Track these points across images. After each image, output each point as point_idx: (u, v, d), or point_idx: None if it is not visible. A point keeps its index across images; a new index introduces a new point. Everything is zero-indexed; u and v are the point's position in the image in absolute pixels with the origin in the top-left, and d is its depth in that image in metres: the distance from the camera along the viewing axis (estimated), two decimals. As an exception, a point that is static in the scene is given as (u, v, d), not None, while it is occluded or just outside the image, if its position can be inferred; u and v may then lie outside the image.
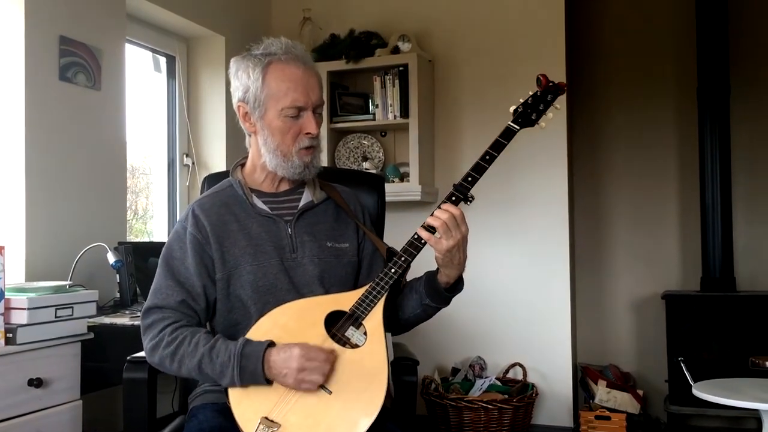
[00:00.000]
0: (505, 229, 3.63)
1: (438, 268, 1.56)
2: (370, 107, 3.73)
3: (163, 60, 3.60)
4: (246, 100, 1.58)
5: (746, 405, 2.51)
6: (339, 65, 3.70)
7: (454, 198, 1.52)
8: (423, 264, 1.61)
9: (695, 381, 2.85)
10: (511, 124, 1.55)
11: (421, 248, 1.51)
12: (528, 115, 1.56)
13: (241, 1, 3.83)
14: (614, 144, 4.02)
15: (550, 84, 1.57)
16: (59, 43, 2.63)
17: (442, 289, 1.55)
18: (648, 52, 3.96)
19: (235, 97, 1.61)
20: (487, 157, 1.53)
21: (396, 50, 3.67)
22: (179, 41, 3.63)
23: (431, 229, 1.49)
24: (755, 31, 3.78)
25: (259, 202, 1.62)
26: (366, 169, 3.72)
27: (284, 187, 1.66)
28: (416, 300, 1.59)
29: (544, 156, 3.57)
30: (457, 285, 1.57)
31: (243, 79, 1.58)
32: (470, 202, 1.53)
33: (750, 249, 3.74)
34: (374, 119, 3.69)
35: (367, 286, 1.51)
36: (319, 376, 1.40)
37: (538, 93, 1.57)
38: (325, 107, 3.91)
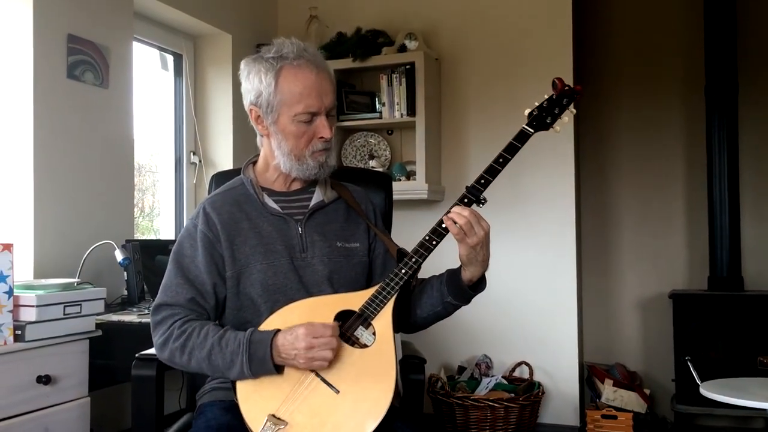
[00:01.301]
0: (512, 228, 3.63)
1: (460, 266, 1.55)
2: (377, 105, 3.73)
3: (170, 58, 3.61)
4: (258, 104, 1.57)
5: (754, 405, 2.50)
6: (346, 63, 3.70)
7: (466, 200, 1.51)
8: (432, 267, 1.61)
9: (702, 380, 2.84)
10: (526, 127, 1.54)
11: (432, 249, 1.51)
12: (543, 118, 1.55)
13: (247, 0, 3.84)
14: (621, 142, 4.00)
15: (566, 88, 1.55)
16: (67, 41, 2.64)
17: (466, 287, 1.55)
18: (655, 51, 3.94)
19: (246, 99, 1.60)
20: (501, 160, 1.52)
21: (403, 48, 3.67)
22: (186, 39, 3.63)
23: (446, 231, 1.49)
24: (763, 30, 3.76)
25: (270, 201, 1.62)
26: (373, 167, 3.72)
27: (296, 186, 1.66)
28: (437, 298, 1.59)
29: (551, 154, 3.56)
30: (480, 283, 1.57)
31: (255, 82, 1.56)
32: (482, 204, 1.52)
33: (758, 248, 3.73)
34: (381, 117, 3.69)
35: (377, 286, 1.51)
36: (329, 351, 1.40)
37: (554, 97, 1.56)
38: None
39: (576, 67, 3.64)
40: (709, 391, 2.62)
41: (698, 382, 2.85)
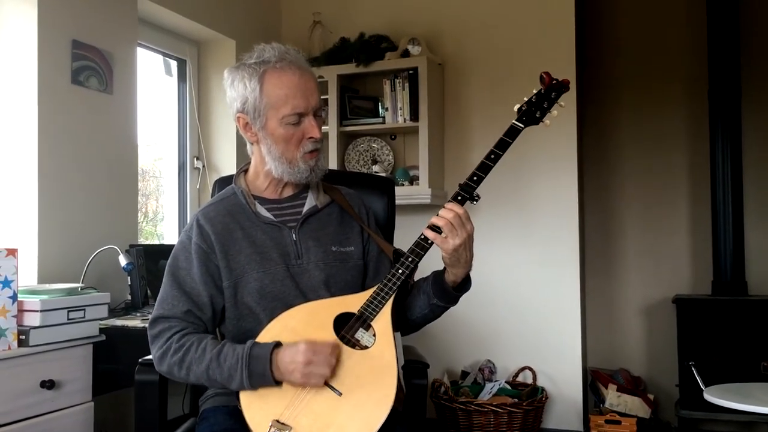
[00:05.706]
0: (515, 232, 3.62)
1: (445, 268, 1.55)
2: (380, 110, 3.74)
3: (174, 63, 3.62)
4: (245, 110, 1.58)
5: (758, 410, 2.49)
6: (349, 69, 3.71)
7: (459, 197, 1.51)
8: (432, 264, 1.62)
9: (706, 385, 2.83)
10: (516, 122, 1.55)
11: (428, 248, 1.51)
12: (532, 113, 1.56)
13: (251, 5, 3.85)
14: (624, 147, 4.00)
15: (554, 81, 1.56)
16: (72, 46, 2.65)
17: (450, 288, 1.55)
18: (659, 54, 3.94)
19: (233, 107, 1.61)
20: (492, 156, 1.53)
21: (406, 53, 3.68)
22: (190, 45, 3.64)
23: (437, 229, 1.49)
24: (767, 34, 3.76)
25: (262, 210, 1.62)
26: (376, 172, 3.73)
27: (288, 192, 1.66)
28: (424, 300, 1.59)
29: (554, 159, 3.56)
30: (465, 284, 1.57)
31: (240, 89, 1.57)
32: (476, 201, 1.53)
33: (762, 252, 3.72)
34: (384, 122, 3.69)
35: (375, 288, 1.52)
36: (326, 368, 1.40)
37: (542, 91, 1.57)
38: (335, 110, 3.91)
39: (579, 69, 3.64)
40: (713, 396, 2.61)
41: (702, 387, 2.84)
